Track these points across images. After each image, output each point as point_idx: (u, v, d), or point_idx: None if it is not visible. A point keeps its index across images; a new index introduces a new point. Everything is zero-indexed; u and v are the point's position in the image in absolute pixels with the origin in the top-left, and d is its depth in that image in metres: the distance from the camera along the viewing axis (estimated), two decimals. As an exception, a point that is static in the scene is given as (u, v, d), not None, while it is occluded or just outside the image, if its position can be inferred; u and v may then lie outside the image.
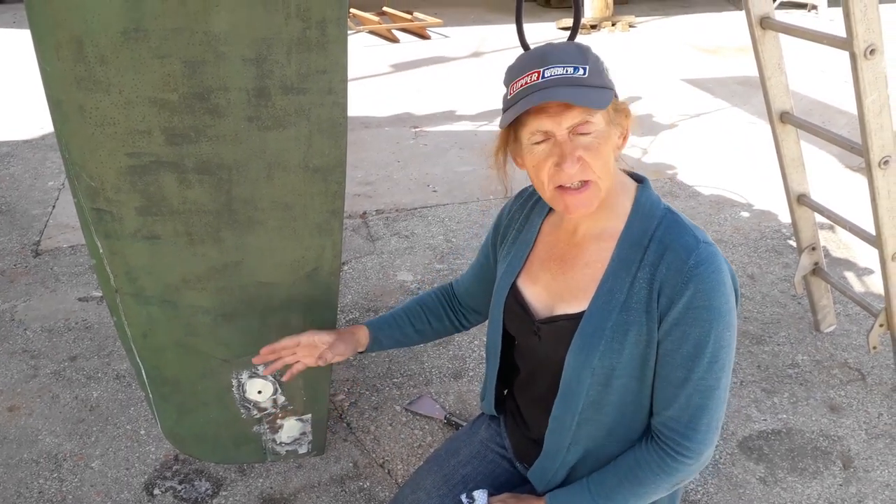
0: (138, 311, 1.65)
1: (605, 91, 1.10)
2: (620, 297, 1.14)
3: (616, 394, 1.18)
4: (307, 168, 1.52)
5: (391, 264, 3.12)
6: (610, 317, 1.14)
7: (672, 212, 1.19)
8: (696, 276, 1.09)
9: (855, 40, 1.77)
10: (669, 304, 1.11)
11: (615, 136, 1.15)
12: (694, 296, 1.09)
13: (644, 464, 1.17)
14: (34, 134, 4.59)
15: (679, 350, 1.12)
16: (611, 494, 1.19)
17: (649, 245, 1.15)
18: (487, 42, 7.10)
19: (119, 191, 1.48)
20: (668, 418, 1.15)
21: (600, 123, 1.10)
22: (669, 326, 1.12)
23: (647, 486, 1.17)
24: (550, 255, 1.27)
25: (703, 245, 1.12)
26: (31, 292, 2.89)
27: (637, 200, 1.20)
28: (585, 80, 1.08)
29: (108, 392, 2.33)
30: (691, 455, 1.15)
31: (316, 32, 1.38)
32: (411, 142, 4.58)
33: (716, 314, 1.10)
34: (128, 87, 1.37)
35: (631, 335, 1.14)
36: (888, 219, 2.02)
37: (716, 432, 1.15)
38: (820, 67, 5.94)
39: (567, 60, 1.09)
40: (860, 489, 1.97)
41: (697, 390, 1.12)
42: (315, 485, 1.98)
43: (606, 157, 1.12)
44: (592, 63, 1.10)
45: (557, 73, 1.08)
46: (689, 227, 1.16)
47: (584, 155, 1.10)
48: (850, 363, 2.46)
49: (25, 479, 2.00)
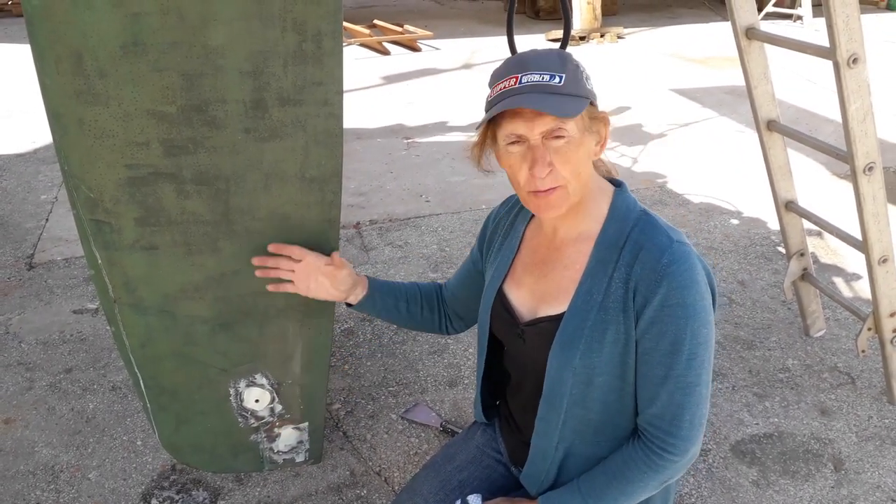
0: (136, 321, 1.66)
1: (578, 100, 1.13)
2: (598, 297, 1.17)
3: (599, 392, 1.20)
4: (304, 178, 1.54)
5: (385, 274, 3.14)
6: (588, 316, 1.17)
7: (647, 213, 1.22)
8: (669, 275, 1.12)
9: (838, 50, 1.81)
10: (644, 302, 1.14)
11: (590, 142, 1.18)
12: (668, 294, 1.12)
13: (632, 462, 1.19)
14: (26, 148, 4.60)
15: (657, 348, 1.14)
16: (601, 494, 1.21)
17: (625, 246, 1.18)
18: (478, 54, 7.16)
19: (118, 202, 1.49)
20: (652, 416, 1.18)
21: (573, 130, 1.13)
22: (646, 325, 1.14)
23: (635, 484, 1.19)
24: (533, 259, 1.30)
25: (677, 244, 1.15)
26: (25, 305, 2.89)
27: (613, 203, 1.23)
28: (560, 88, 1.11)
29: (104, 403, 2.34)
30: (677, 451, 1.17)
31: (312, 45, 1.40)
32: (403, 153, 4.61)
33: (691, 311, 1.13)
34: (126, 100, 1.39)
35: (609, 334, 1.16)
36: (874, 224, 2.06)
37: (700, 428, 1.18)
38: (806, 77, 6.01)
39: (545, 68, 1.12)
40: (851, 491, 1.99)
41: (678, 387, 1.15)
42: (312, 493, 1.99)
43: (578, 162, 1.15)
44: (570, 71, 1.13)
45: (534, 80, 1.11)
46: (664, 227, 1.19)
47: (554, 160, 1.13)
48: (839, 367, 2.49)
49: (22, 491, 2.00)
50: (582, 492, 1.22)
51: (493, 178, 4.13)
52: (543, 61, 1.13)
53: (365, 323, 2.78)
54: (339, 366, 2.52)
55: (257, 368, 1.79)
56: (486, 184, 4.07)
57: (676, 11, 9.38)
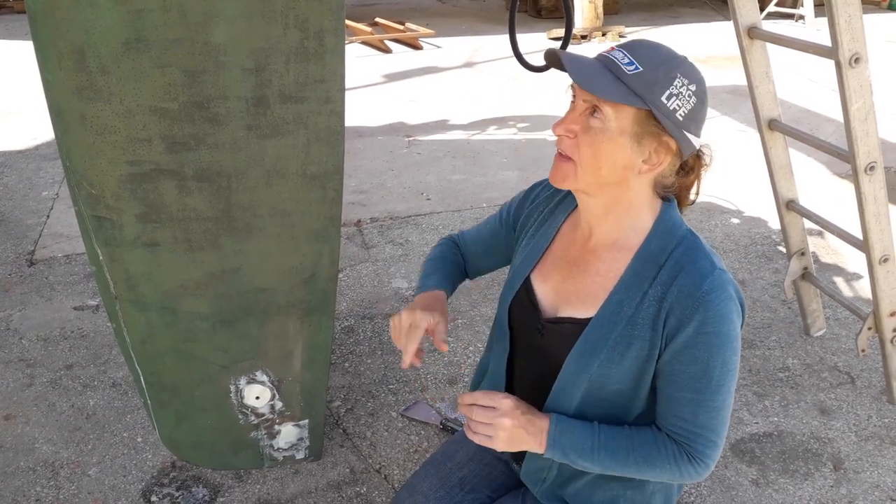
0: (137, 317, 1.66)
1: (629, 94, 1.07)
2: (628, 311, 1.15)
3: (608, 399, 1.19)
4: (305, 175, 1.54)
5: (386, 272, 3.14)
6: (615, 328, 1.16)
7: (693, 234, 1.19)
8: (708, 303, 1.10)
9: (840, 49, 1.81)
10: (678, 325, 1.12)
11: (631, 149, 1.11)
12: (704, 321, 1.10)
13: (662, 447, 1.17)
14: (27, 144, 4.59)
15: (686, 371, 1.13)
16: (613, 453, 1.17)
17: (665, 264, 1.15)
18: (479, 52, 7.15)
19: (119, 198, 1.50)
20: (673, 431, 1.18)
21: (610, 120, 1.09)
22: (678, 348, 1.13)
23: (652, 466, 1.17)
24: (564, 256, 1.27)
25: (718, 272, 1.13)
26: (26, 301, 2.89)
27: (660, 218, 1.20)
28: (623, 75, 1.07)
29: (104, 400, 2.34)
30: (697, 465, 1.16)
31: (314, 43, 1.40)
32: (405, 151, 4.61)
33: (724, 340, 1.12)
34: (128, 97, 1.39)
35: (633, 349, 1.15)
36: (875, 223, 2.06)
37: (719, 449, 1.17)
38: (808, 76, 6.01)
39: (637, 54, 1.09)
40: (850, 490, 1.99)
41: (704, 409, 1.14)
42: (312, 490, 1.99)
43: (600, 153, 1.11)
44: (651, 71, 1.07)
45: (615, 56, 1.09)
46: (707, 251, 1.17)
47: (579, 133, 1.11)
48: (839, 366, 2.49)
49: (22, 487, 2.00)
50: (596, 438, 1.17)
51: (493, 177, 4.14)
52: (646, 49, 1.10)
53: (365, 321, 2.78)
54: (339, 363, 2.53)
55: (258, 365, 1.80)
56: (487, 182, 4.07)
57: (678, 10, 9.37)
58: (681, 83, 1.09)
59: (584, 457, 1.16)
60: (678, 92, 1.09)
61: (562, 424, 1.17)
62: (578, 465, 1.18)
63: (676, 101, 1.09)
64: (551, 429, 1.16)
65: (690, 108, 1.10)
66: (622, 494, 1.29)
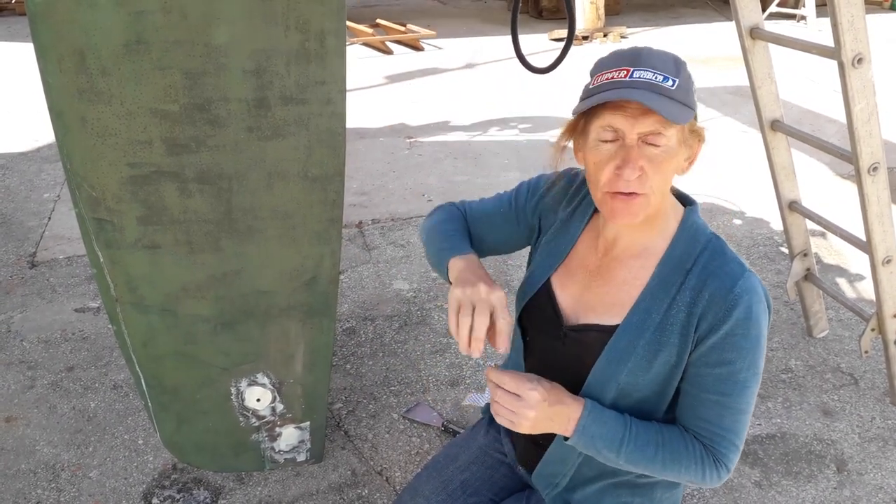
0: (138, 320, 1.66)
1: (686, 109, 1.07)
2: (657, 318, 1.14)
3: (634, 406, 1.18)
4: (306, 177, 1.54)
5: (387, 273, 3.13)
6: (644, 335, 1.14)
7: (718, 238, 1.18)
8: (740, 306, 1.10)
9: (843, 49, 1.80)
10: (710, 329, 1.11)
11: (682, 157, 1.13)
12: (736, 324, 1.10)
13: (691, 447, 1.16)
14: (29, 146, 4.60)
15: (713, 373, 1.13)
16: (642, 447, 1.14)
17: (692, 269, 1.14)
18: (480, 53, 7.15)
19: (120, 200, 1.49)
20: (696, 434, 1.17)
21: (672, 139, 1.08)
22: (706, 350, 1.12)
23: (679, 464, 1.15)
24: (583, 264, 1.25)
25: (748, 274, 1.12)
26: (27, 303, 2.89)
27: (684, 222, 1.19)
28: (671, 92, 1.06)
29: (105, 402, 2.34)
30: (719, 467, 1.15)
31: (315, 44, 1.40)
32: (406, 152, 4.61)
33: (754, 343, 1.11)
34: (129, 99, 1.39)
35: (662, 356, 1.14)
36: (878, 224, 2.05)
37: (739, 452, 1.16)
38: (810, 77, 6.00)
39: (660, 68, 1.07)
40: (854, 492, 1.99)
41: (728, 412, 1.13)
42: (313, 493, 1.99)
43: (667, 174, 1.10)
44: (683, 78, 1.08)
45: (646, 77, 1.06)
46: (733, 255, 1.16)
47: (646, 166, 1.08)
48: (842, 368, 2.48)
49: (23, 489, 2.00)
50: (627, 430, 1.15)
51: (495, 179, 4.13)
52: (658, 61, 1.08)
53: (366, 322, 2.77)
54: (340, 365, 2.52)
55: (259, 368, 1.79)
56: (489, 183, 4.06)
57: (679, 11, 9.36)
58: (689, 73, 1.11)
59: (611, 447, 1.14)
60: (693, 83, 1.11)
61: (595, 412, 1.14)
62: (600, 457, 1.16)
63: (694, 92, 1.12)
64: (584, 415, 1.13)
65: (695, 87, 1.12)
66: (630, 502, 1.28)
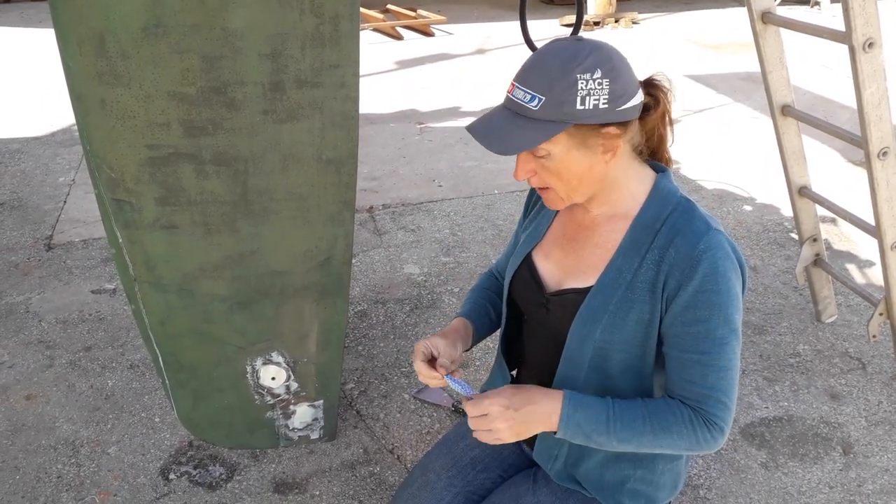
0: (156, 299, 1.69)
1: (546, 126, 1.09)
2: (627, 276, 1.19)
3: (617, 365, 1.22)
4: (320, 160, 1.56)
5: (398, 257, 3.16)
6: (615, 293, 1.19)
7: (688, 200, 1.22)
8: (705, 261, 1.13)
9: (854, 34, 1.81)
10: (678, 286, 1.14)
11: (587, 155, 1.14)
12: (703, 280, 1.13)
13: (678, 413, 1.17)
14: (44, 131, 4.64)
15: (689, 332, 1.15)
16: (629, 424, 1.16)
17: (661, 229, 1.19)
18: (491, 39, 7.13)
19: (139, 182, 1.52)
20: (684, 397, 1.19)
21: (555, 148, 1.12)
22: (680, 309, 1.15)
23: (669, 433, 1.16)
24: (564, 234, 1.31)
25: (714, 231, 1.16)
26: (44, 285, 2.94)
27: (655, 187, 1.24)
28: (534, 113, 1.09)
29: (122, 381, 2.39)
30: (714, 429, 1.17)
31: (329, 28, 1.42)
32: (416, 137, 4.62)
33: (724, 298, 1.14)
34: (148, 82, 1.42)
35: (633, 313, 1.18)
36: (887, 209, 2.06)
37: (731, 411, 1.18)
38: (823, 63, 5.96)
39: (533, 84, 1.10)
40: (860, 474, 2.01)
41: (711, 370, 1.16)
42: (326, 470, 2.03)
43: (569, 174, 1.15)
44: (560, 90, 1.08)
45: (517, 97, 1.12)
46: (702, 214, 1.20)
47: (539, 171, 1.17)
48: (850, 352, 2.50)
49: (44, 464, 2.05)
50: (610, 411, 1.17)
51: (504, 164, 4.15)
52: (538, 73, 1.10)
53: (378, 305, 2.81)
54: (352, 347, 2.56)
55: (274, 346, 1.83)
56: (499, 168, 4.07)
57: (692, -4, 9.28)
58: (585, 82, 1.08)
59: (599, 430, 1.16)
60: (588, 90, 1.08)
61: (575, 400, 1.17)
62: (593, 443, 1.18)
63: (591, 98, 1.09)
64: (564, 405, 1.17)
65: (608, 91, 1.09)
66: (632, 474, 1.31)
